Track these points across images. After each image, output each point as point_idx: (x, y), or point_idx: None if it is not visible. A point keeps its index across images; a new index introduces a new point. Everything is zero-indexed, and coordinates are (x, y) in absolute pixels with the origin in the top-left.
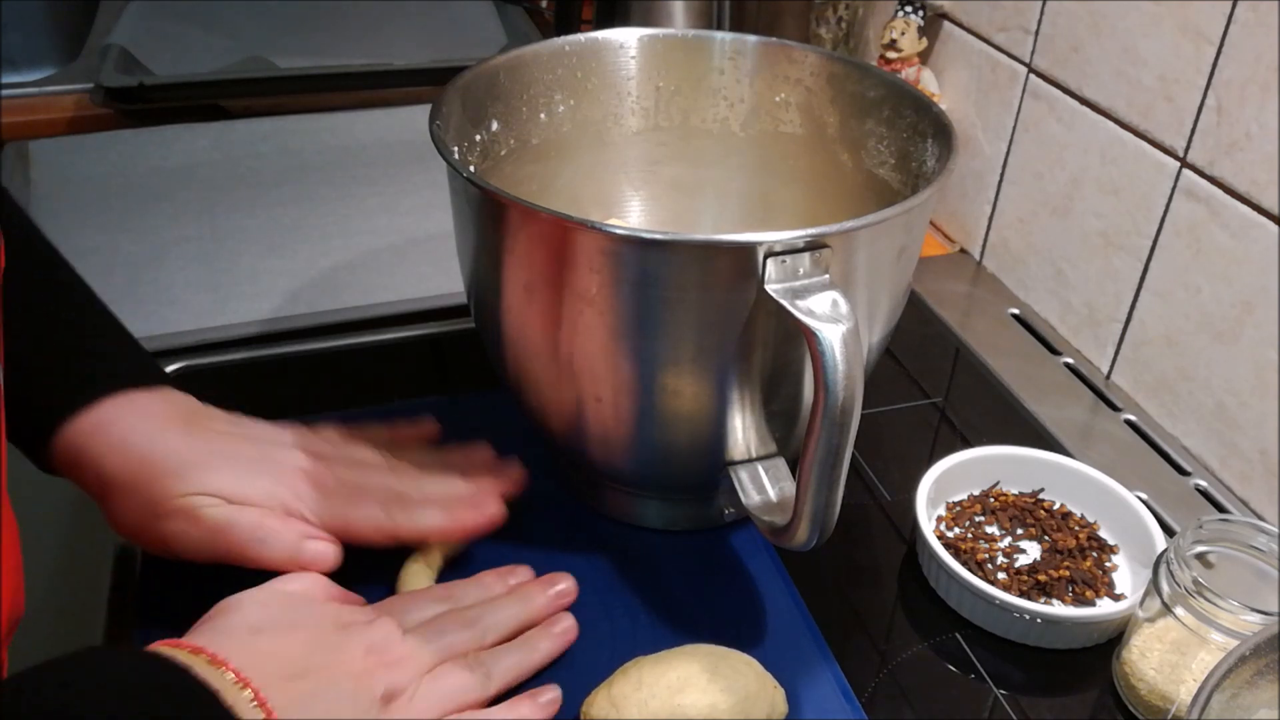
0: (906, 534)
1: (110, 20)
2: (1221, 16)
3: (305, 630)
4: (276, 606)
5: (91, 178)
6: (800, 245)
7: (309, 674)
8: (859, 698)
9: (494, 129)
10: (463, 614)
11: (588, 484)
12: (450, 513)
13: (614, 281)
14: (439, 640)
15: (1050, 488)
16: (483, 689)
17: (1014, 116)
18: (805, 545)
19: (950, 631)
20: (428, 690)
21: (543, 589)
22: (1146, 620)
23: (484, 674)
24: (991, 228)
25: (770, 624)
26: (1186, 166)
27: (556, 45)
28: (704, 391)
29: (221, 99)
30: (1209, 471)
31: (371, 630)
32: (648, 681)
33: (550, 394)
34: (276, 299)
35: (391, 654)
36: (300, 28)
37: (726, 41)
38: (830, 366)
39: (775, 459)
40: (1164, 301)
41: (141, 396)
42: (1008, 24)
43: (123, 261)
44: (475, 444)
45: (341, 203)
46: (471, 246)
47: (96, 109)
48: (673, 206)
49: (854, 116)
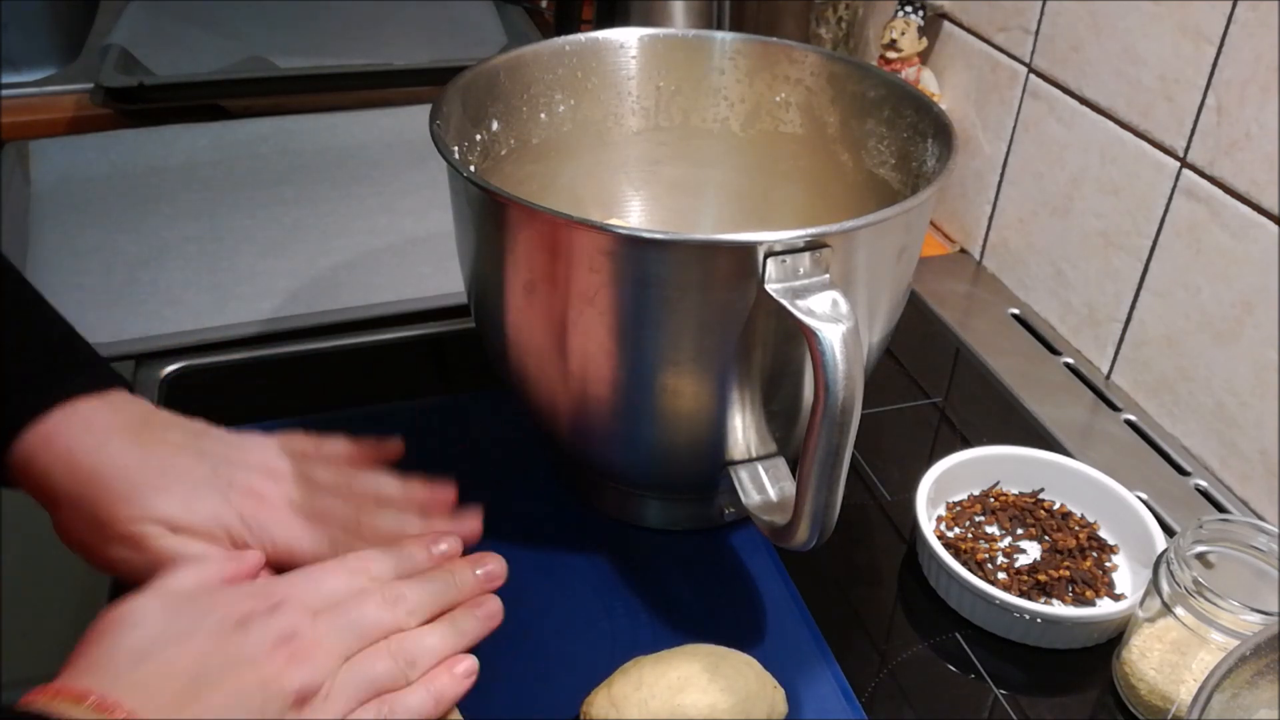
0: (906, 534)
1: (110, 20)
2: (1221, 16)
3: (198, 638)
4: (165, 615)
5: (91, 178)
6: (800, 245)
7: (209, 691)
8: (859, 698)
9: (494, 129)
10: (382, 591)
11: (588, 484)
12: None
13: (614, 281)
14: (357, 625)
15: (1050, 488)
16: (404, 677)
17: (1014, 116)
18: (805, 545)
19: (950, 631)
20: (344, 683)
21: (470, 567)
22: (1146, 620)
23: (406, 661)
24: (991, 228)
25: (770, 624)
26: (1186, 166)
27: (556, 45)
28: (704, 391)
29: (221, 99)
30: (1209, 471)
31: (276, 619)
32: (648, 681)
33: (550, 394)
34: (276, 299)
35: (301, 645)
36: (300, 28)
37: (727, 41)
38: (830, 366)
39: (775, 459)
40: (1164, 301)
41: (89, 405)
42: (1008, 24)
43: (123, 261)
44: (441, 484)
45: (341, 203)
46: (471, 246)
47: (96, 109)
48: (673, 206)
49: (854, 116)
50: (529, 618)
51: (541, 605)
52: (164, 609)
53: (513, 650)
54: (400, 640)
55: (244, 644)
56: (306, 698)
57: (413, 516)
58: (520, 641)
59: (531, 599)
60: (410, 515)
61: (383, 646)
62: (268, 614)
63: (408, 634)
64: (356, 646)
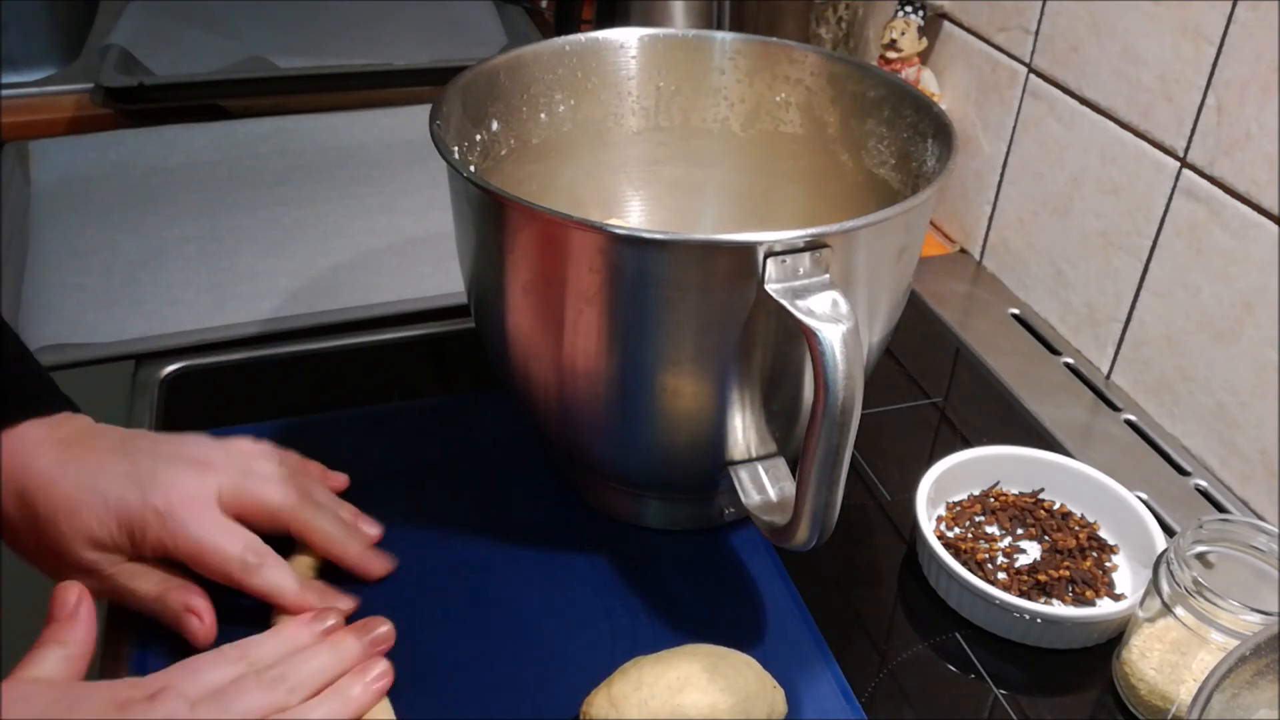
0: (906, 534)
1: (110, 20)
2: (1221, 16)
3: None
4: (37, 702)
5: (91, 178)
6: (800, 245)
7: None
8: (859, 698)
9: (494, 129)
10: (262, 675)
11: (588, 484)
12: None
13: (614, 281)
14: (238, 710)
15: (1050, 488)
16: None
17: (1014, 116)
18: (805, 545)
19: (950, 631)
20: None
21: (356, 636)
22: (1146, 620)
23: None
24: (991, 228)
25: (770, 624)
26: (1186, 166)
27: (556, 45)
28: (704, 391)
29: (221, 99)
30: (1209, 471)
31: (156, 709)
32: (648, 681)
33: (550, 394)
34: (276, 299)
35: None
36: (300, 28)
37: (727, 41)
38: (830, 366)
39: (775, 459)
40: (1164, 301)
41: (31, 427)
42: (1008, 24)
43: (123, 261)
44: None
45: (341, 203)
46: (471, 246)
47: (96, 109)
48: (673, 206)
49: (854, 116)
50: (529, 618)
51: (541, 605)
52: (38, 696)
53: (513, 650)
54: (283, 716)
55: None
56: None
57: (346, 516)
58: (520, 641)
59: (531, 599)
60: (344, 516)
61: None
62: (147, 703)
63: (291, 709)
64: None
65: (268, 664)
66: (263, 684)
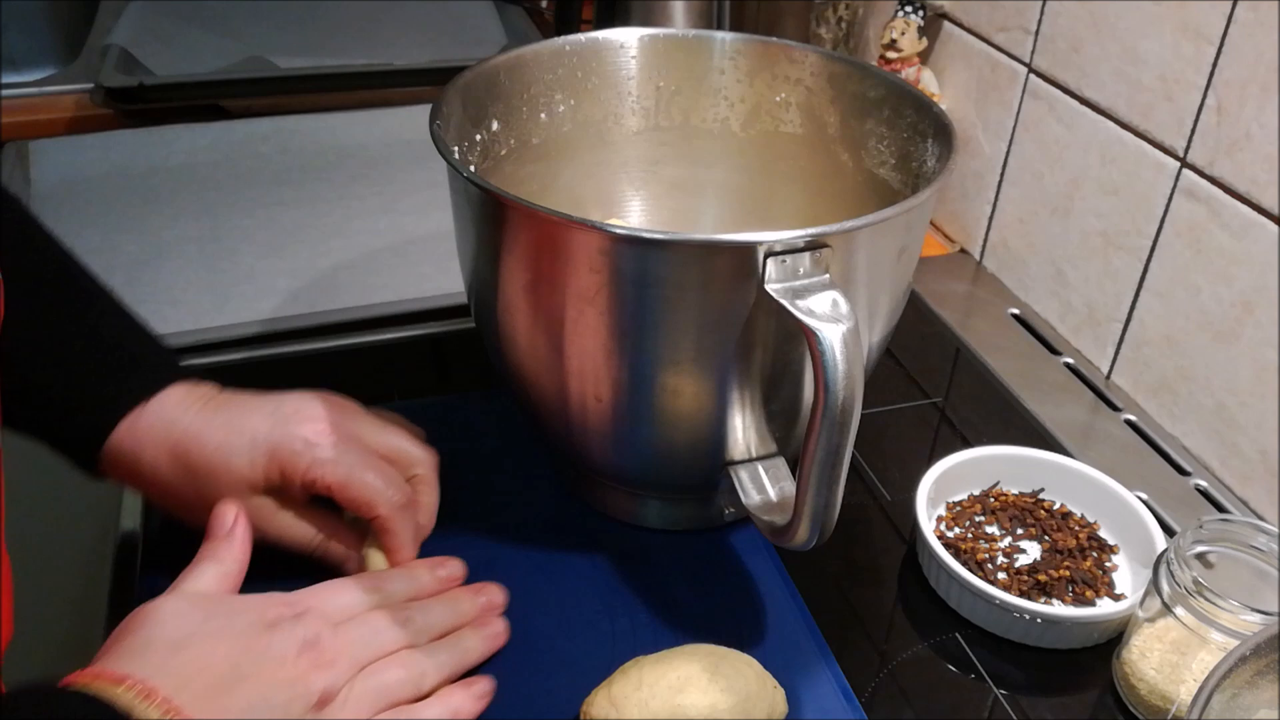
0: (906, 534)
1: (110, 20)
2: (1221, 16)
3: (231, 636)
4: (195, 614)
5: (91, 178)
6: (800, 245)
7: (240, 685)
8: (859, 698)
9: (494, 129)
10: (396, 612)
11: (588, 484)
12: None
13: (614, 281)
14: (374, 638)
15: (1050, 488)
16: (416, 687)
17: (1014, 116)
18: (805, 545)
19: (950, 631)
20: (362, 689)
21: (471, 596)
22: (1146, 620)
23: (419, 671)
24: (991, 228)
25: (770, 624)
26: (1186, 166)
27: (556, 45)
28: (704, 391)
29: (221, 99)
30: (1209, 471)
31: (301, 626)
32: (648, 681)
33: (550, 394)
34: (276, 299)
35: (325, 652)
36: (300, 28)
37: (727, 41)
38: (830, 366)
39: (775, 459)
40: (1164, 301)
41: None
42: (1008, 24)
43: (123, 261)
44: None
45: (341, 203)
46: (471, 246)
47: (96, 109)
48: (673, 206)
49: (854, 116)
50: (529, 618)
51: (541, 605)
52: (196, 608)
53: (513, 650)
54: (411, 654)
55: (273, 645)
56: (327, 701)
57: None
58: (520, 641)
59: (531, 599)
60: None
61: (396, 657)
62: (294, 620)
63: (417, 649)
64: (371, 658)
65: (398, 600)
66: (395, 620)
